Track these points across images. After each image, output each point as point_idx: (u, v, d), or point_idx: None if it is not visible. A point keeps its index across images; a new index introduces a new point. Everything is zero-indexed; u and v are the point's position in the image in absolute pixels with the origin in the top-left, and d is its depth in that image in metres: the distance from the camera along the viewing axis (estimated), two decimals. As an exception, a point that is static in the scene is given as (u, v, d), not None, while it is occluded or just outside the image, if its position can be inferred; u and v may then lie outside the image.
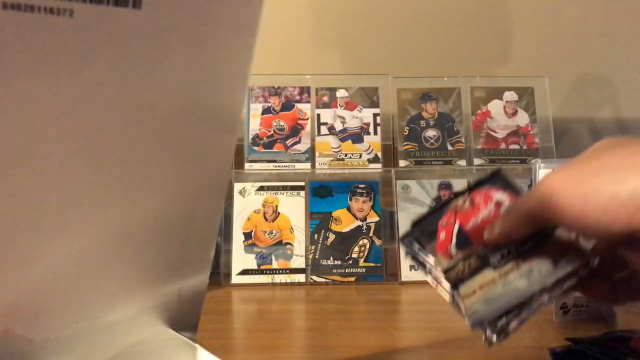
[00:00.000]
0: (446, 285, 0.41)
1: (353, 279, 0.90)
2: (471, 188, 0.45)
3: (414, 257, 0.44)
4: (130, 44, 0.32)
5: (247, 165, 0.96)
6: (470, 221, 0.43)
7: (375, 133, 0.99)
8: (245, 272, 0.90)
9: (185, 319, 0.46)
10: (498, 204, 0.43)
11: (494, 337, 0.38)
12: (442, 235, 0.44)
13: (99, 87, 0.33)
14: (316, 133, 0.99)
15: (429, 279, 0.44)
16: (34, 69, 0.30)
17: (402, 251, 0.45)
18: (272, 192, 0.93)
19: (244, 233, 0.91)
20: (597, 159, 0.35)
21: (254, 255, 0.90)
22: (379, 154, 0.98)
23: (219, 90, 0.37)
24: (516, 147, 1.00)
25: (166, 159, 0.38)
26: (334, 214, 0.93)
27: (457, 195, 0.45)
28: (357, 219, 0.93)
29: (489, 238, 0.40)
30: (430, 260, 0.43)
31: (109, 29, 0.31)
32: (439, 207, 0.45)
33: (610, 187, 0.33)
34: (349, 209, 0.93)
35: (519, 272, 0.40)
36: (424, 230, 0.44)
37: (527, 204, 0.38)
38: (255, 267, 0.90)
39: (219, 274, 0.89)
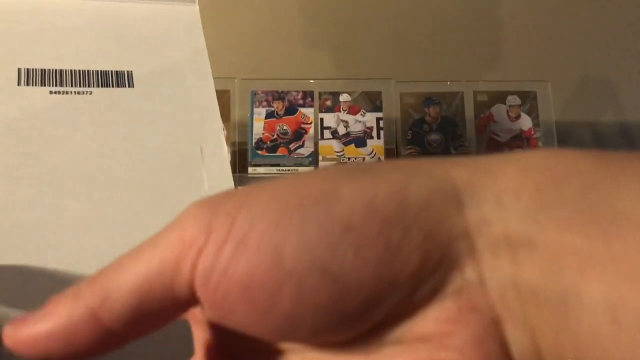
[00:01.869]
0: None
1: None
2: None
3: None
4: (130, 107, 0.51)
5: (250, 169, 0.97)
6: None
7: (379, 137, 0.99)
8: (248, 275, 0.90)
9: None
10: None
11: None
12: None
13: (113, 129, 0.50)
14: (319, 137, 0.99)
15: None
16: (75, 124, 0.49)
17: None
18: (276, 195, 0.93)
19: (247, 237, 0.91)
20: None
21: (257, 259, 0.90)
22: (382, 158, 0.98)
23: (195, 129, 0.52)
24: (519, 151, 1.00)
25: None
26: (337, 217, 0.93)
27: None
28: (360, 222, 0.93)
29: None
30: None
31: (115, 99, 0.50)
32: None
33: None
34: (352, 213, 0.93)
35: None
36: None
37: None
38: (259, 270, 0.90)
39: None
